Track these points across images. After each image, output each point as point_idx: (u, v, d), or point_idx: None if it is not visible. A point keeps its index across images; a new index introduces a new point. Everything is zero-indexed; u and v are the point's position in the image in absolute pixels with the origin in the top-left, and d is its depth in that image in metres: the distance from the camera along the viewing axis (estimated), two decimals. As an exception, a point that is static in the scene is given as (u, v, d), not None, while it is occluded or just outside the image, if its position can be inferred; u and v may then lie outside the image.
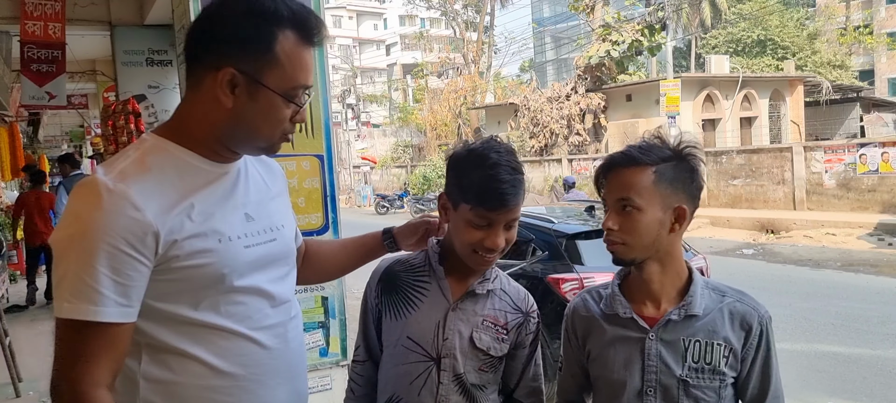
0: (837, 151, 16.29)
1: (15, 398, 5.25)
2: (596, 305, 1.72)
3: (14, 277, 10.10)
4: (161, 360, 1.35)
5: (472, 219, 1.58)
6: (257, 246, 1.44)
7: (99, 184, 1.26)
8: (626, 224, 1.56)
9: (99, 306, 1.23)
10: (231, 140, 1.39)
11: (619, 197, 1.56)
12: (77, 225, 1.26)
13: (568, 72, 36.73)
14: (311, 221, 3.51)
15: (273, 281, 1.48)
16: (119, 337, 1.28)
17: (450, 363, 1.66)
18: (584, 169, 22.57)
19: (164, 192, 1.32)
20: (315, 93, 3.41)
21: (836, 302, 8.35)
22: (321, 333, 3.55)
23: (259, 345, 1.43)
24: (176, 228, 1.31)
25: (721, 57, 26.88)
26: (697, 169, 1.59)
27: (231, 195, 1.43)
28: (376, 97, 54.30)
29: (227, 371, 1.39)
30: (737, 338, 1.58)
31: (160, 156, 1.36)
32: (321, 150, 3.51)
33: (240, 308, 1.40)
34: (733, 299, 1.62)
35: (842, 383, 5.61)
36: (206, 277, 1.35)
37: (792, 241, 13.83)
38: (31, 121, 13.68)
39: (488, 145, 1.61)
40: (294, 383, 1.53)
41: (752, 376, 1.60)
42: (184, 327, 1.35)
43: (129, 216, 1.25)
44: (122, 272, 1.25)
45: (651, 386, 1.60)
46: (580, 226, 5.93)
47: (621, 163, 1.57)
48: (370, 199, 29.95)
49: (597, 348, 1.69)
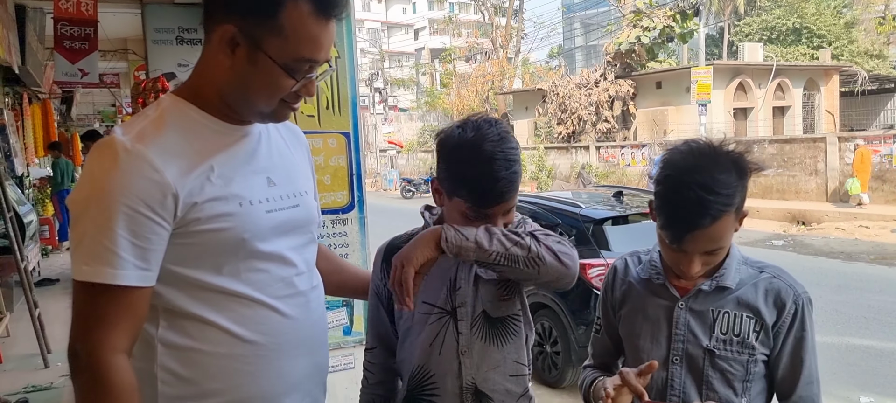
0: (873, 142, 15.94)
1: (44, 368, 5.35)
2: (635, 268, 1.70)
3: (46, 251, 10.27)
4: (180, 326, 1.33)
5: (467, 213, 1.51)
6: (279, 211, 1.41)
7: (116, 145, 1.24)
8: (710, 261, 1.53)
9: (117, 269, 1.21)
10: (232, 101, 1.35)
11: (706, 251, 1.49)
12: (94, 186, 1.23)
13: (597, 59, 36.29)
14: (337, 199, 3.49)
15: (295, 248, 1.45)
16: (137, 302, 1.26)
17: (466, 310, 1.59)
18: (611, 156, 22.37)
19: (184, 154, 1.29)
20: (342, 70, 3.39)
21: (869, 295, 8.19)
22: (345, 312, 3.55)
23: (280, 314, 1.40)
24: (195, 190, 1.28)
25: (755, 44, 26.41)
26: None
27: (252, 159, 1.41)
28: (404, 81, 54.29)
29: (247, 339, 1.36)
30: (769, 314, 1.54)
31: (178, 118, 1.34)
32: (348, 128, 3.48)
33: (261, 275, 1.38)
34: (770, 275, 1.58)
35: (873, 377, 5.51)
36: (227, 241, 1.32)
37: (823, 233, 13.56)
38: (64, 98, 13.88)
39: (480, 133, 1.48)
40: (314, 354, 1.50)
41: (783, 355, 1.56)
42: (203, 293, 1.33)
43: (148, 177, 1.23)
44: (140, 235, 1.23)
45: (677, 355, 1.59)
46: (607, 212, 5.87)
47: (705, 224, 1.42)
48: (396, 183, 29.96)
49: (629, 311, 1.68)
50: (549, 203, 6.34)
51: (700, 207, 1.41)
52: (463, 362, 1.59)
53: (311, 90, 1.36)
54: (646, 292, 1.65)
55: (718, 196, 1.40)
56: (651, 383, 1.58)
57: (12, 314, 6.59)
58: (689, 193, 1.41)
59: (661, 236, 1.54)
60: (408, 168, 33.99)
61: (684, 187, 1.42)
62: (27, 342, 5.72)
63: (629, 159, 21.55)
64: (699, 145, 1.50)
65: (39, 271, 8.84)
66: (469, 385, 1.60)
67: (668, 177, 1.49)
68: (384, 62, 51.30)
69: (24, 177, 10.26)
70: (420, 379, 1.64)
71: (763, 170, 1.56)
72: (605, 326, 1.78)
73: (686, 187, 1.42)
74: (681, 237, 1.46)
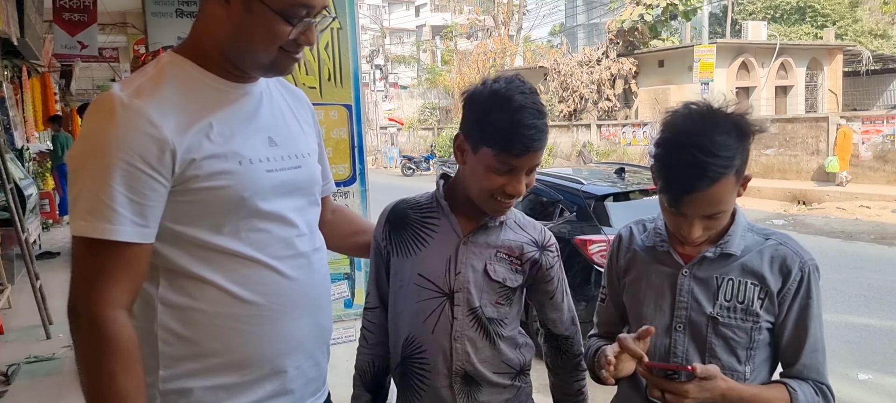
0: (875, 122, 15.89)
1: (46, 339, 5.38)
2: (640, 236, 1.69)
3: (46, 225, 10.28)
4: (180, 286, 1.33)
5: (493, 165, 1.50)
6: (281, 171, 1.40)
7: (114, 100, 1.23)
8: (711, 225, 1.50)
9: (115, 224, 1.21)
10: (233, 55, 1.34)
11: (705, 214, 1.47)
12: (92, 141, 1.23)
13: (599, 38, 36.05)
14: (339, 172, 3.48)
15: (296, 209, 1.44)
16: (136, 258, 1.25)
17: (463, 297, 1.61)
18: (612, 135, 22.30)
19: (183, 110, 1.28)
20: (344, 41, 3.35)
21: (869, 274, 8.20)
22: (347, 284, 3.55)
23: (281, 275, 1.39)
24: (194, 147, 1.27)
25: (758, 23, 26.20)
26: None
27: (253, 118, 1.40)
28: (405, 58, 53.98)
29: (247, 300, 1.35)
30: (774, 281, 1.52)
31: (178, 74, 1.33)
32: (350, 100, 3.46)
33: (262, 235, 1.37)
34: (776, 242, 1.57)
35: (873, 355, 5.53)
36: (226, 200, 1.31)
37: (824, 213, 13.55)
38: (63, 72, 13.82)
39: (512, 85, 1.51)
40: (317, 315, 1.49)
41: (788, 322, 1.54)
42: (204, 252, 1.32)
43: (146, 132, 1.22)
44: (138, 190, 1.22)
45: (680, 322, 1.57)
46: (609, 188, 5.86)
47: (702, 186, 1.41)
48: (396, 161, 29.93)
49: (633, 279, 1.67)
50: (550, 179, 6.33)
51: (698, 170, 1.39)
52: (455, 347, 1.61)
53: (311, 38, 1.35)
54: (650, 259, 1.64)
55: (717, 158, 1.39)
56: (653, 350, 1.58)
57: (14, 286, 6.62)
58: (686, 155, 1.40)
59: (661, 200, 1.53)
60: (408, 145, 33.92)
61: (682, 149, 1.41)
62: (28, 313, 5.76)
63: (630, 138, 21.49)
64: (698, 107, 1.48)
65: (40, 244, 8.85)
66: (458, 369, 1.62)
67: (666, 140, 1.47)
68: (385, 39, 51.01)
69: (24, 149, 10.25)
70: (412, 351, 1.66)
71: (764, 131, 1.52)
72: (610, 295, 1.77)
73: (684, 149, 1.40)
74: (679, 200, 1.44)
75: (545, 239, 1.70)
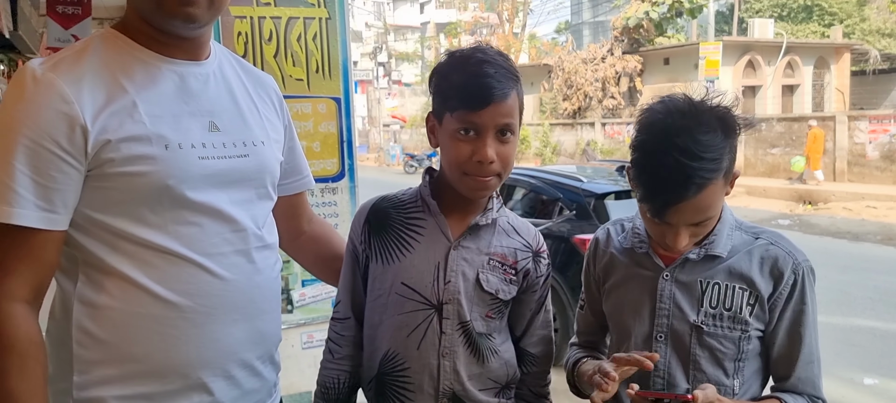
0: (882, 121, 15.76)
1: None
2: (617, 237, 1.53)
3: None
4: (97, 282, 1.19)
5: (457, 129, 1.36)
6: (219, 159, 1.26)
7: (26, 74, 1.12)
8: (699, 232, 1.35)
9: (14, 207, 1.09)
10: (142, 12, 1.22)
11: (692, 222, 1.31)
12: (0, 117, 1.11)
13: (605, 35, 35.90)
14: (327, 167, 3.35)
15: (238, 202, 1.30)
16: (41, 246, 1.13)
17: (453, 309, 1.44)
18: (617, 133, 22.17)
19: (103, 86, 1.16)
20: (332, 31, 3.23)
21: (875, 275, 8.08)
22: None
23: (212, 274, 1.25)
24: (111, 127, 1.14)
25: (765, 21, 26.01)
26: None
27: (191, 99, 1.26)
28: (408, 55, 53.90)
29: (170, 300, 1.21)
30: (765, 285, 1.36)
31: (104, 48, 1.20)
32: (338, 93, 3.33)
33: (192, 229, 1.23)
34: (767, 241, 1.40)
35: (879, 358, 5.40)
36: (148, 187, 1.18)
37: (830, 213, 13.42)
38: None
39: (473, 48, 1.40)
40: (256, 321, 1.33)
41: (779, 330, 1.38)
42: (125, 244, 1.19)
43: (56, 108, 1.10)
44: (43, 172, 1.10)
45: (661, 332, 1.41)
46: (610, 186, 5.76)
47: (689, 195, 1.24)
48: (399, 158, 29.85)
49: (612, 285, 1.50)
50: (550, 176, 6.22)
51: (682, 176, 1.22)
52: (443, 364, 1.45)
53: None
54: (629, 263, 1.48)
55: (703, 161, 1.22)
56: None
57: None
58: (668, 160, 1.22)
59: (642, 209, 1.37)
60: (411, 143, 33.81)
61: (663, 153, 1.23)
62: None
63: (635, 136, 21.39)
64: (677, 103, 1.30)
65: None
66: (446, 389, 1.45)
67: (644, 142, 1.30)
68: (389, 35, 50.93)
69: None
70: (393, 367, 1.49)
71: (753, 126, 1.35)
72: (588, 302, 1.62)
73: (664, 153, 1.23)
74: (663, 210, 1.28)
75: (539, 244, 1.54)
